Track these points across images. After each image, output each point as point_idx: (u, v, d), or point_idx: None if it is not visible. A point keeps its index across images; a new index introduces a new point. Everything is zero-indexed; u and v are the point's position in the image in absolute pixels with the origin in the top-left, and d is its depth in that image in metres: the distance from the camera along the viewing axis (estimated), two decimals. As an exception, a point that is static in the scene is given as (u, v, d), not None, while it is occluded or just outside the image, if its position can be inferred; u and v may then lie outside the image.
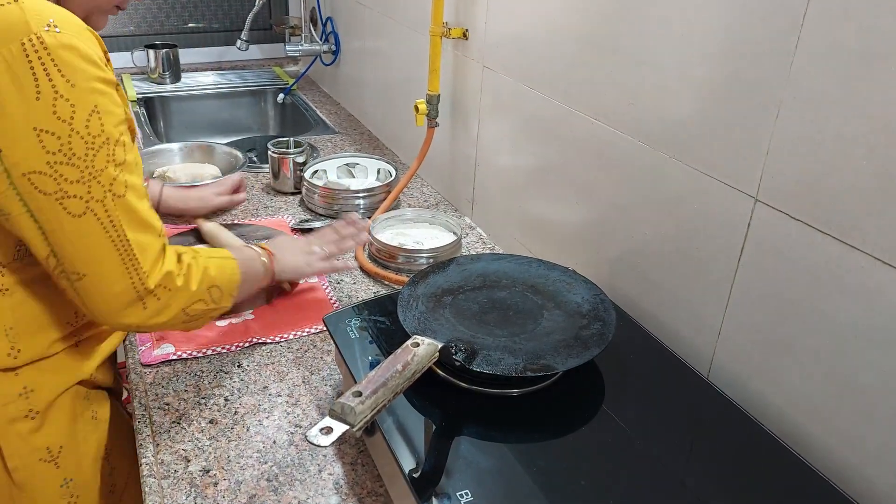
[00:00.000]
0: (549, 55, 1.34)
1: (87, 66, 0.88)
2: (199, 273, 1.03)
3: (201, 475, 1.00)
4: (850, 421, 0.87)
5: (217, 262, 1.08)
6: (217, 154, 1.92)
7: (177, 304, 1.00)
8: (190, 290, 1.01)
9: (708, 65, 0.99)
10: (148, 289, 0.96)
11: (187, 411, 1.11)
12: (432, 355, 0.89)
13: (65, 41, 0.87)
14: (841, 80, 0.82)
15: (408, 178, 1.78)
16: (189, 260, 1.03)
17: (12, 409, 1.03)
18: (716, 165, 1.00)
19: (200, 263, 1.04)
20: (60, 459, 1.08)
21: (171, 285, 0.99)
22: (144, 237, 0.96)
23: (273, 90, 2.81)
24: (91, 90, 0.88)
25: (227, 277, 1.09)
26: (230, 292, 1.10)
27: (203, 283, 1.03)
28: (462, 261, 1.17)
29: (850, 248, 0.84)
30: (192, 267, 1.03)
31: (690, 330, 1.09)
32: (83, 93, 0.88)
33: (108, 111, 0.91)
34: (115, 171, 0.91)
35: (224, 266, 1.09)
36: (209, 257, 1.08)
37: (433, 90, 1.70)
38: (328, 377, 1.19)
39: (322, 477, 1.00)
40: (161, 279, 0.97)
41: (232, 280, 1.10)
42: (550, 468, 0.84)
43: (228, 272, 1.10)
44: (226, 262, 1.10)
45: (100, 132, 0.89)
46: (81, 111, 0.87)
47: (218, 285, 1.06)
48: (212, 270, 1.06)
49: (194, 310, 1.03)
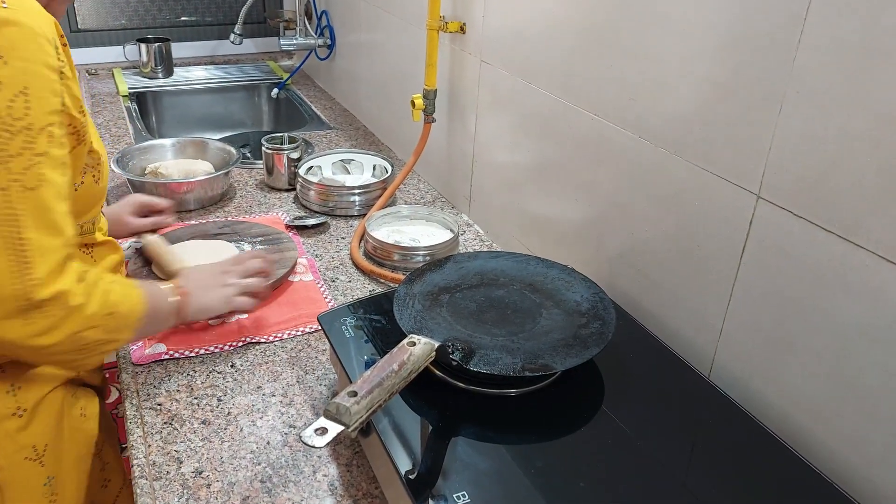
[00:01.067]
0: (547, 50, 1.34)
1: (29, 45, 0.85)
2: (100, 295, 0.95)
3: (194, 476, 0.99)
4: (854, 421, 0.87)
5: (120, 290, 1.00)
6: (210, 150, 1.92)
7: (68, 327, 0.91)
8: (85, 312, 0.92)
9: (709, 59, 0.99)
10: (34, 301, 0.87)
11: (179, 412, 1.11)
12: (429, 355, 0.89)
13: (10, 17, 0.85)
14: (845, 74, 0.82)
15: (404, 174, 1.78)
16: (92, 279, 0.95)
17: (0, 408, 1.02)
18: (717, 161, 1.00)
19: (103, 286, 0.96)
20: (45, 458, 1.07)
21: (64, 303, 0.89)
22: (47, 240, 0.88)
23: (267, 85, 2.81)
24: (25, 70, 0.85)
25: (128, 307, 1.00)
26: (130, 325, 1.01)
27: (103, 307, 0.95)
28: (459, 259, 1.17)
29: (853, 245, 0.83)
30: (94, 287, 0.94)
31: (691, 329, 1.09)
32: (15, 72, 0.84)
33: (40, 97, 0.87)
34: (30, 161, 0.86)
35: (128, 294, 1.01)
36: (112, 281, 0.99)
37: (430, 85, 1.70)
38: (323, 377, 1.19)
39: (317, 478, 1.00)
40: (54, 293, 0.88)
41: (133, 311, 1.01)
42: (549, 469, 0.83)
43: (132, 302, 1.01)
44: (130, 291, 1.02)
45: (23, 115, 0.85)
46: (7, 90, 0.84)
47: (118, 313, 0.98)
48: (113, 296, 0.97)
49: (86, 338, 0.94)
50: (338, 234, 1.66)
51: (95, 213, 1.14)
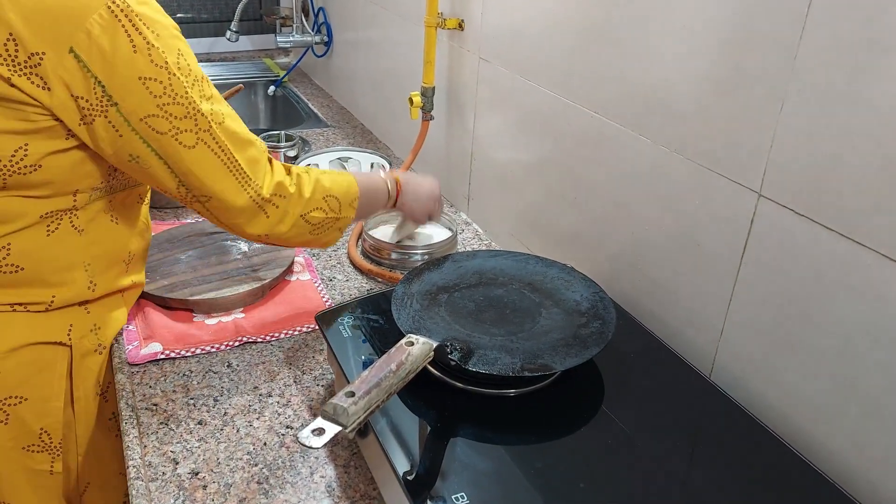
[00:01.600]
0: (547, 46, 1.33)
1: (161, 16, 0.99)
2: (311, 183, 1.14)
3: (190, 477, 0.99)
4: (856, 423, 0.87)
5: (331, 176, 1.18)
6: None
7: (294, 211, 1.12)
8: (304, 196, 1.12)
9: (710, 57, 0.99)
10: (265, 198, 1.08)
11: (175, 412, 1.11)
12: (427, 355, 0.89)
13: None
14: (847, 71, 0.82)
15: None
16: (299, 171, 1.14)
17: (87, 343, 1.17)
18: (718, 160, 1.00)
19: (312, 175, 1.15)
20: (109, 393, 1.23)
21: (284, 192, 1.10)
22: (250, 153, 1.07)
23: (264, 82, 2.81)
24: (172, 36, 0.99)
25: (342, 189, 1.18)
26: (349, 203, 1.19)
27: (316, 191, 1.14)
28: (458, 258, 1.17)
29: (856, 244, 0.83)
30: (303, 177, 1.14)
31: (692, 329, 1.09)
32: (167, 39, 0.98)
33: (188, 53, 1.01)
34: (209, 104, 1.02)
35: (338, 179, 1.19)
36: (322, 172, 1.18)
37: (428, 82, 1.70)
38: (320, 377, 1.19)
39: (314, 479, 1.00)
40: (274, 188, 1.09)
41: (349, 192, 1.19)
42: (548, 470, 0.83)
43: (344, 185, 1.19)
44: (340, 176, 1.20)
45: (189, 71, 1.00)
46: (171, 55, 0.98)
47: (334, 195, 1.17)
48: (325, 182, 1.16)
49: (314, 217, 1.14)
50: (335, 233, 1.65)
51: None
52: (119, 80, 0.95)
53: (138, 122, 0.98)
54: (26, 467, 1.16)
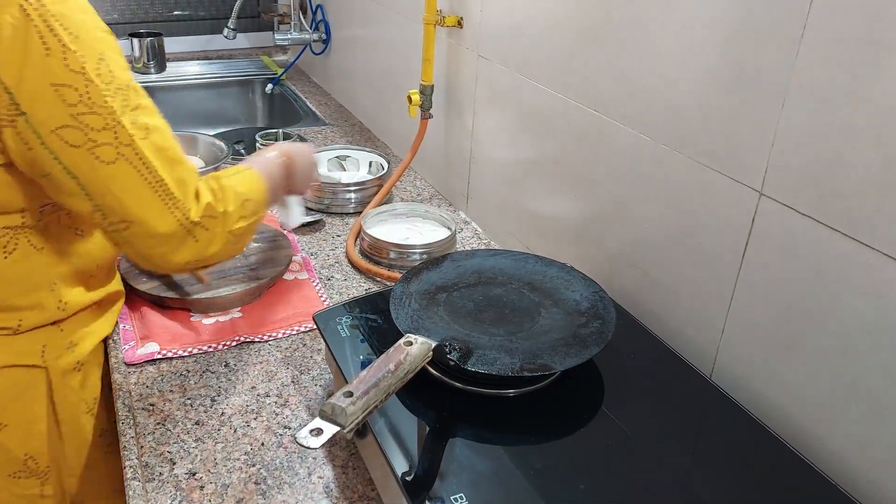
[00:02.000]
0: (546, 44, 1.33)
1: (84, 16, 0.92)
2: (230, 193, 1.07)
3: (187, 478, 0.99)
4: (859, 423, 0.86)
5: (239, 178, 1.12)
6: (201, 145, 1.91)
7: (222, 230, 1.05)
8: (228, 212, 1.06)
9: (711, 53, 0.99)
10: (194, 221, 1.00)
11: (172, 412, 1.10)
12: (426, 355, 0.89)
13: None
14: (849, 68, 0.82)
15: (400, 171, 1.77)
16: (216, 185, 1.06)
17: (63, 363, 1.11)
18: (719, 158, 1.00)
19: (225, 184, 1.08)
20: (97, 410, 1.18)
21: (213, 213, 1.03)
22: (178, 173, 0.99)
23: (261, 80, 2.80)
24: (94, 39, 0.92)
25: (254, 189, 1.13)
26: (262, 200, 1.14)
27: (237, 200, 1.07)
28: (456, 257, 1.17)
29: (858, 244, 0.83)
30: (225, 190, 1.07)
31: (693, 329, 1.09)
32: (88, 42, 0.91)
33: (113, 58, 0.94)
34: (133, 115, 0.94)
35: (247, 179, 1.13)
36: (229, 176, 1.11)
37: (427, 80, 1.70)
38: (318, 377, 1.19)
39: (312, 480, 0.99)
40: (204, 209, 1.02)
41: (259, 188, 1.14)
42: (548, 471, 0.83)
43: (254, 182, 1.14)
44: (246, 174, 1.14)
45: (111, 78, 0.92)
46: (91, 60, 0.90)
47: (249, 198, 1.10)
48: (238, 187, 1.09)
49: (238, 229, 1.08)
50: (333, 232, 1.65)
51: None
52: (28, 87, 0.87)
53: (49, 133, 0.90)
54: (15, 493, 1.13)
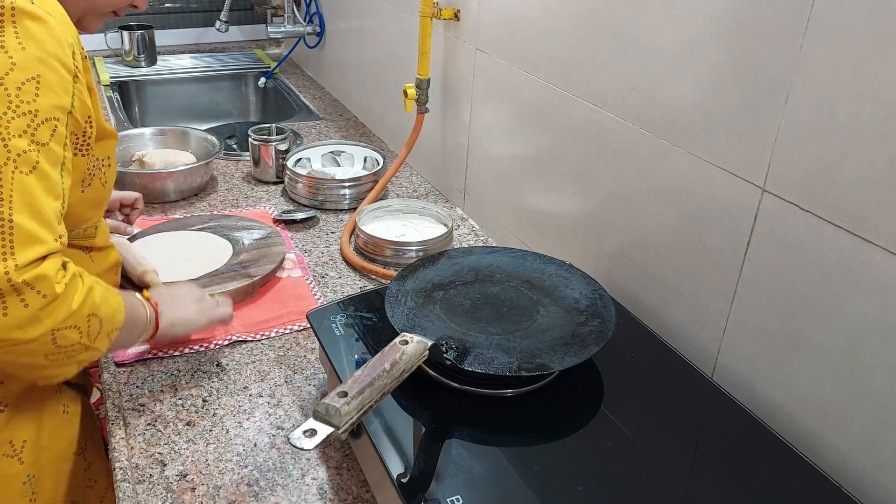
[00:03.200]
0: (545, 37, 1.33)
1: (48, 40, 0.88)
2: (84, 291, 0.90)
3: (178, 480, 0.99)
4: (864, 423, 0.86)
5: (102, 291, 0.95)
6: (192, 140, 1.91)
7: (49, 320, 0.86)
8: (70, 306, 0.88)
9: (713, 47, 0.99)
10: (13, 283, 0.82)
11: (163, 413, 1.10)
12: (422, 354, 0.89)
13: (34, 12, 0.88)
14: (853, 62, 0.81)
15: (396, 166, 1.77)
16: (75, 270, 0.90)
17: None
18: (721, 153, 1.00)
19: (87, 281, 0.92)
20: (24, 454, 1.06)
21: (46, 291, 0.85)
22: (34, 227, 0.85)
23: (254, 74, 2.80)
24: (42, 61, 0.87)
25: (111, 311, 0.96)
26: (108, 332, 0.96)
27: (85, 305, 0.90)
28: (453, 254, 1.17)
29: (862, 240, 0.83)
30: (77, 280, 0.90)
31: (694, 327, 1.09)
32: (31, 59, 0.87)
33: (51, 89, 0.88)
34: (29, 146, 0.86)
35: (109, 298, 0.96)
36: (96, 281, 0.95)
37: (423, 74, 1.69)
38: (312, 377, 1.19)
39: (305, 482, 0.99)
40: (34, 277, 0.83)
41: (115, 317, 0.97)
42: (546, 473, 0.83)
43: (113, 306, 0.97)
44: (111, 295, 0.97)
45: (31, 100, 0.86)
46: (20, 72, 0.86)
47: (99, 316, 0.93)
48: (96, 296, 0.93)
49: (66, 337, 0.89)
50: (327, 229, 1.65)
51: (98, 216, 1.14)
52: None
53: None
54: None
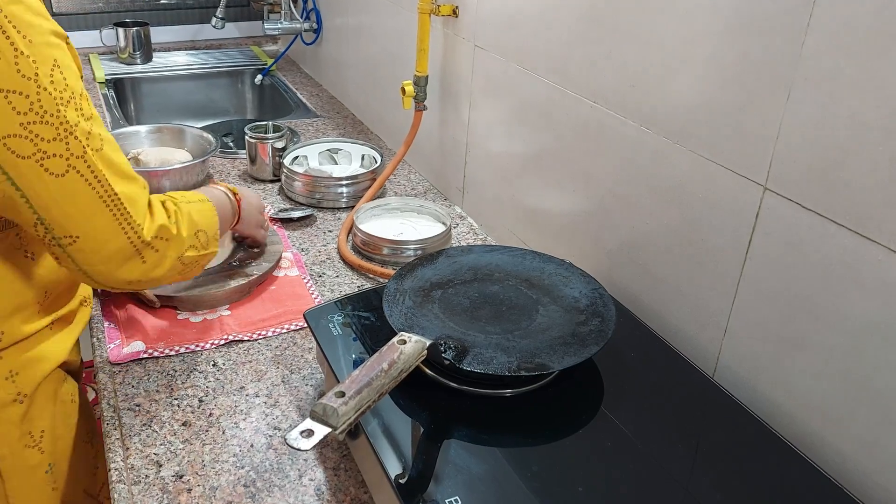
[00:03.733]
0: (544, 34, 1.33)
1: (37, 19, 0.88)
2: (186, 219, 1.06)
3: (174, 481, 0.99)
4: (866, 424, 0.86)
5: (196, 207, 1.11)
6: (188, 137, 1.91)
7: (172, 254, 1.03)
8: (182, 237, 1.04)
9: (714, 44, 0.98)
10: (145, 241, 0.99)
11: (159, 413, 1.10)
12: (420, 353, 0.89)
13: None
14: (856, 59, 0.81)
15: (394, 164, 1.77)
16: (173, 206, 1.05)
17: (1, 394, 1.05)
18: (722, 151, 1.00)
19: (183, 209, 1.07)
20: (43, 444, 1.11)
21: (167, 235, 1.01)
22: (131, 189, 0.97)
23: (251, 71, 2.80)
24: (48, 44, 0.89)
25: (208, 221, 1.12)
26: (214, 235, 1.13)
27: (190, 228, 1.06)
28: (452, 253, 1.17)
29: (865, 239, 0.83)
30: (180, 214, 1.05)
31: (695, 327, 1.09)
32: (41, 47, 0.88)
33: (67, 65, 0.91)
34: (87, 125, 0.92)
35: (203, 210, 1.12)
36: (188, 202, 1.10)
37: (421, 71, 1.69)
38: (309, 376, 1.19)
39: (302, 483, 0.99)
40: (157, 230, 1.00)
41: (213, 223, 1.13)
42: (546, 473, 0.83)
43: (209, 215, 1.13)
44: (203, 206, 1.13)
45: (65, 86, 0.90)
46: (44, 66, 0.88)
47: (203, 229, 1.09)
48: (194, 215, 1.08)
49: (187, 257, 1.06)
50: (325, 227, 1.65)
51: None
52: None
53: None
54: None
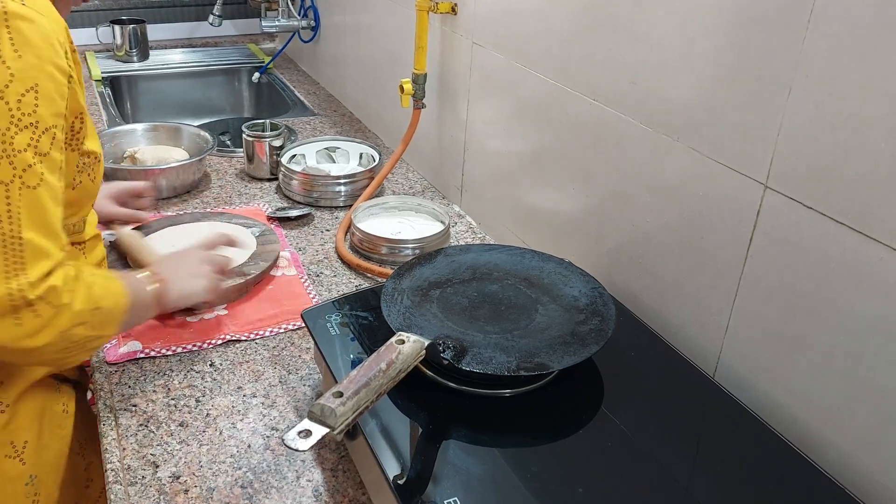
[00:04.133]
0: (543, 31, 1.33)
1: (42, 44, 0.89)
2: (84, 290, 0.95)
3: (171, 481, 0.98)
4: (868, 424, 0.86)
5: (103, 283, 1.00)
6: (184, 136, 1.90)
7: (57, 326, 0.91)
8: (73, 309, 0.93)
9: (714, 41, 0.98)
10: (28, 300, 0.88)
11: (156, 413, 1.10)
12: (418, 353, 0.88)
13: (27, 14, 0.88)
14: (857, 56, 0.81)
15: (392, 163, 1.77)
16: (72, 273, 0.94)
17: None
18: (722, 149, 0.99)
19: (85, 280, 0.96)
20: (25, 455, 1.08)
21: (55, 301, 0.90)
22: (44, 243, 0.90)
23: (248, 69, 2.79)
24: (38, 68, 0.88)
25: (112, 301, 1.00)
26: (115, 319, 1.01)
27: (87, 302, 0.95)
28: (450, 252, 1.17)
29: (866, 238, 0.83)
30: (78, 282, 0.94)
31: (695, 326, 1.09)
32: (28, 66, 0.87)
33: (49, 97, 0.90)
34: (33, 160, 0.88)
35: (110, 288, 1.01)
36: (93, 275, 0.99)
37: (419, 69, 1.69)
38: (307, 377, 1.18)
39: (300, 484, 0.99)
40: (45, 292, 0.89)
41: (118, 305, 1.01)
42: (545, 474, 0.83)
43: (115, 295, 1.01)
44: (112, 284, 1.02)
45: (32, 112, 0.88)
46: (19, 84, 0.87)
47: (102, 307, 0.97)
48: (96, 289, 0.97)
49: (74, 335, 0.94)
50: (322, 227, 1.65)
51: (88, 210, 1.16)
52: None
53: None
54: None
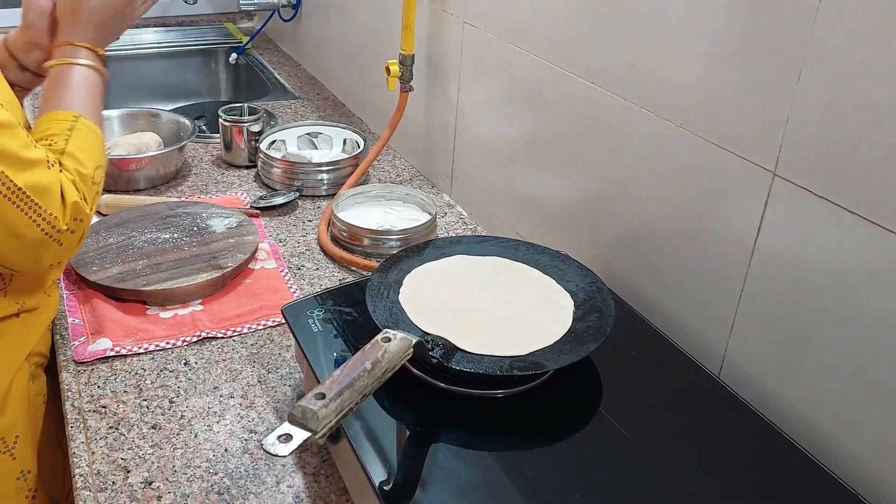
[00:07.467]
0: (539, 10, 1.32)
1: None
2: (87, 181, 1.04)
3: (143, 487, 0.98)
4: (882, 426, 0.86)
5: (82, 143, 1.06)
6: (161, 122, 1.90)
7: (86, 223, 1.04)
8: (91, 207, 1.05)
9: (720, 21, 0.98)
10: (61, 230, 0.99)
11: (127, 415, 1.10)
12: (406, 352, 0.88)
13: None
14: (871, 37, 0.81)
15: (378, 149, 1.77)
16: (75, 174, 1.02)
17: None
18: (728, 135, 1.00)
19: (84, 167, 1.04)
20: (17, 450, 1.11)
21: (80, 215, 1.01)
22: (36, 177, 0.95)
23: (225, 49, 2.79)
24: None
25: (98, 149, 1.09)
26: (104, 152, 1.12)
27: (93, 185, 1.06)
28: (439, 244, 1.17)
29: (881, 229, 0.83)
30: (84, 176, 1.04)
31: (700, 322, 1.09)
32: None
33: None
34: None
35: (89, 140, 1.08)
36: (77, 148, 1.05)
37: (407, 49, 1.69)
38: (287, 376, 1.18)
39: (280, 490, 0.99)
40: (71, 213, 1.00)
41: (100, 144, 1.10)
42: (540, 479, 0.83)
43: (95, 140, 1.09)
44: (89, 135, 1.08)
45: None
46: None
47: (100, 165, 1.09)
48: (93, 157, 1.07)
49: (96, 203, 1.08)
50: (304, 217, 1.64)
51: None
52: None
53: None
54: None
